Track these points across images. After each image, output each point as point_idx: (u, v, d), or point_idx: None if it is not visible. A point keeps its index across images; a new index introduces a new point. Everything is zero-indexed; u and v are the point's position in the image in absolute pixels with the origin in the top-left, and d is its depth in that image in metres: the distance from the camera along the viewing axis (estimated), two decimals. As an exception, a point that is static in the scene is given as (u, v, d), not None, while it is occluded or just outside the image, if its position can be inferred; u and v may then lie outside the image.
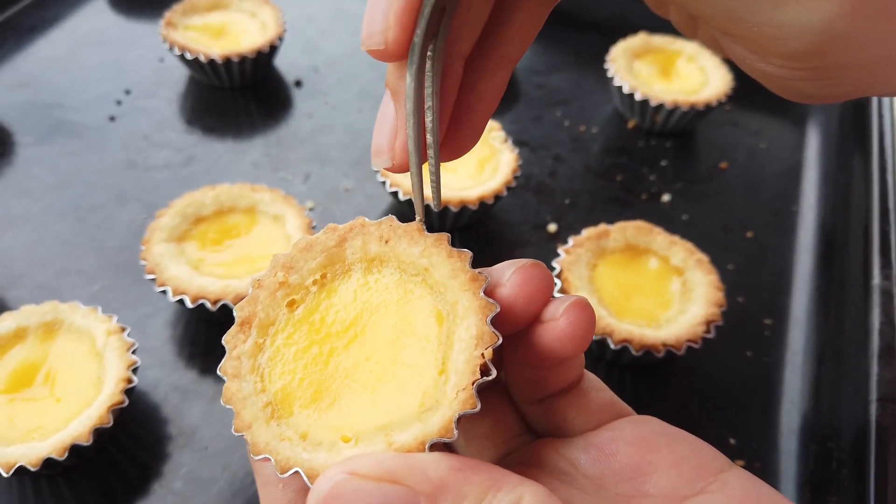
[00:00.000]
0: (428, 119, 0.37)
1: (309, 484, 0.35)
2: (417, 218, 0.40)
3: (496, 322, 0.37)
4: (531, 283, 0.38)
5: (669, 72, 1.10)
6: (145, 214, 0.92)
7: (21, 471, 0.62)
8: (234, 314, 0.39)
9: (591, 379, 0.43)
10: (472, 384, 0.35)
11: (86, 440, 0.63)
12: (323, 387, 0.38)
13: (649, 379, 0.79)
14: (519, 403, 0.44)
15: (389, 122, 0.39)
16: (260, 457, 0.36)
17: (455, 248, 0.39)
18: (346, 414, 0.37)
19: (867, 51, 0.32)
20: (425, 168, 0.39)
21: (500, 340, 0.36)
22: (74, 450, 0.63)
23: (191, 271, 0.76)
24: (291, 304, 0.40)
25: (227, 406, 0.38)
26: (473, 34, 0.38)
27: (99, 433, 0.64)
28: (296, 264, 0.40)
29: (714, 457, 0.39)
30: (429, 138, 0.37)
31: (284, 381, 0.38)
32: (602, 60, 1.10)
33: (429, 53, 0.36)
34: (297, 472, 0.36)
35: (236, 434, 0.37)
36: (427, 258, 0.39)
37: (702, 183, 1.03)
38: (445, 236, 0.39)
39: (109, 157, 1.00)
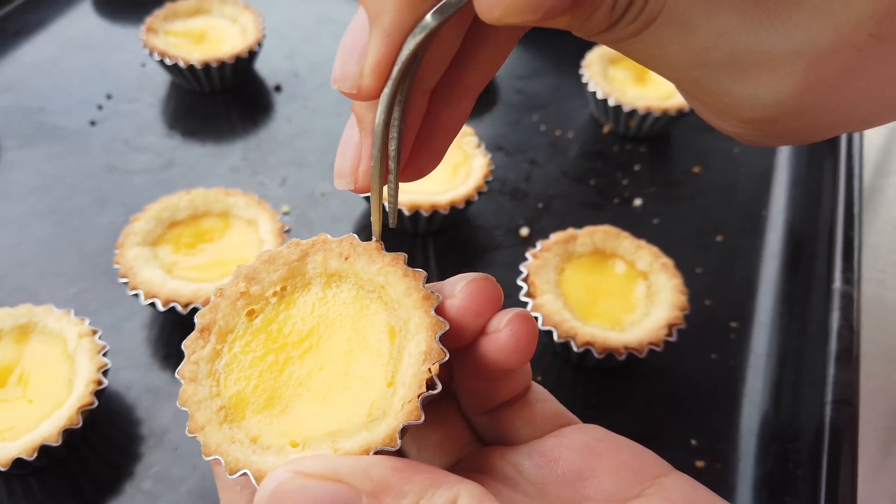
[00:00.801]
0: (392, 147, 0.38)
1: (256, 485, 0.36)
2: (374, 237, 0.42)
3: (445, 339, 0.39)
4: (479, 295, 0.40)
5: (644, 77, 1.11)
6: (123, 218, 0.94)
7: (-8, 470, 0.63)
8: (195, 320, 0.41)
9: (538, 390, 0.45)
10: (418, 397, 0.37)
11: (55, 441, 0.64)
12: (276, 394, 0.39)
13: (615, 381, 0.81)
14: (468, 414, 0.46)
15: (353, 146, 0.40)
16: (211, 458, 0.38)
17: (410, 268, 0.41)
18: (297, 421, 0.39)
19: (818, 119, 0.34)
20: (385, 189, 0.41)
21: (447, 357, 0.38)
22: (44, 450, 0.64)
23: (164, 275, 0.77)
24: (251, 314, 0.42)
25: (183, 408, 0.39)
26: (440, 70, 0.39)
27: (69, 434, 0.66)
28: (258, 275, 0.42)
29: (654, 462, 0.41)
30: (391, 164, 0.39)
31: (239, 387, 0.40)
32: (580, 66, 1.12)
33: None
34: (245, 473, 0.37)
35: (189, 435, 0.38)
36: (384, 276, 0.41)
37: (675, 187, 1.05)
38: (402, 256, 0.41)
39: (90, 160, 1.02)
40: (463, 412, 0.47)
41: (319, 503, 0.33)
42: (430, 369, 0.38)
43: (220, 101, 1.12)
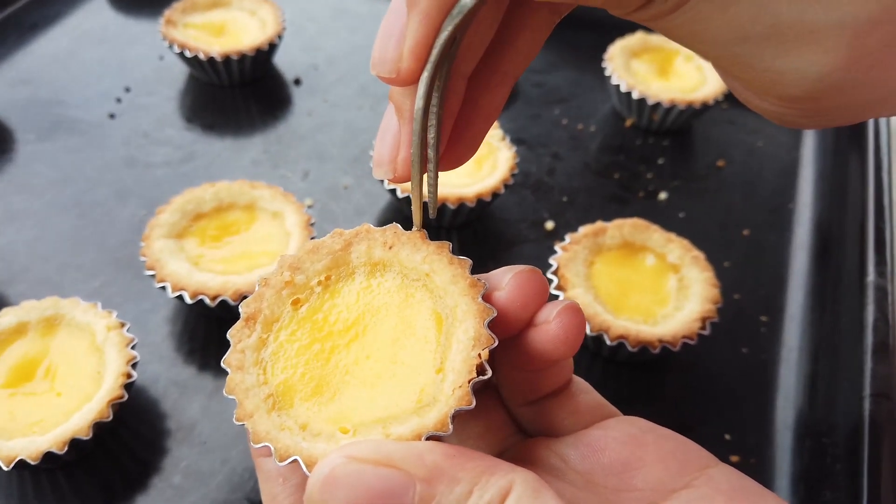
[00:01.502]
0: (430, 135, 0.38)
1: (307, 472, 0.36)
2: (416, 227, 0.42)
3: (493, 326, 0.38)
4: (527, 287, 0.39)
5: (667, 70, 1.10)
6: (145, 211, 0.93)
7: (21, 464, 0.62)
8: (241, 310, 0.41)
9: (580, 382, 0.45)
10: (469, 382, 0.37)
11: (85, 434, 0.63)
12: (323, 382, 0.39)
13: (645, 375, 0.80)
14: (510, 405, 0.46)
15: (392, 135, 0.40)
16: (260, 444, 0.37)
17: (455, 256, 0.40)
18: (346, 408, 0.38)
19: (860, 95, 0.34)
20: (424, 178, 0.40)
21: (496, 342, 0.38)
22: (74, 444, 0.64)
23: (190, 267, 0.76)
24: (296, 303, 0.41)
25: (230, 396, 0.39)
26: (478, 54, 0.39)
27: (98, 427, 0.65)
28: (302, 265, 0.42)
29: (700, 454, 0.40)
30: (430, 153, 0.39)
31: (286, 375, 0.39)
32: (600, 59, 1.11)
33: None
34: (295, 461, 0.36)
35: (237, 423, 0.38)
36: (429, 264, 0.40)
37: (699, 181, 1.04)
38: (447, 244, 0.41)
39: (110, 153, 1.01)
40: (504, 404, 0.46)
41: (373, 488, 0.32)
42: (479, 354, 0.37)
43: (239, 94, 1.11)
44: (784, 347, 0.83)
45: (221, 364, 0.40)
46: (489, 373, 0.38)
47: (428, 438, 0.36)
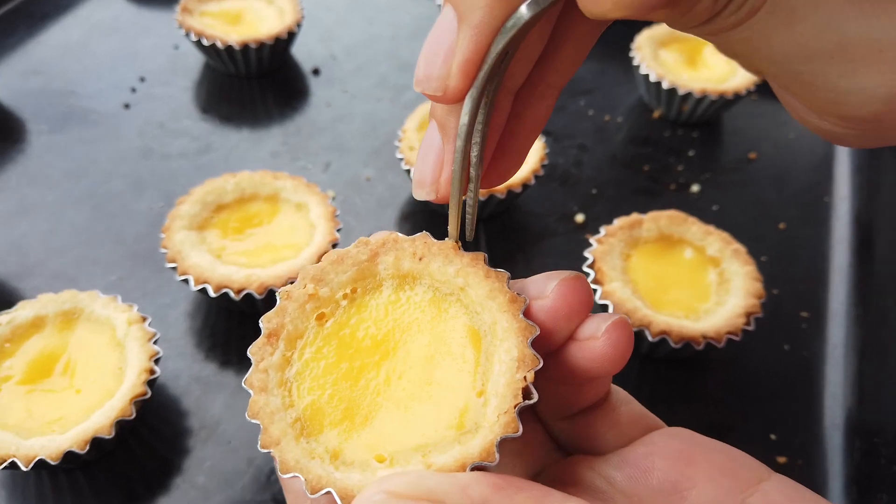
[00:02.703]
0: (473, 153, 0.36)
1: None
2: (451, 238, 0.39)
3: (536, 343, 0.36)
4: (572, 297, 0.37)
5: (696, 61, 1.07)
6: (162, 203, 0.90)
7: (40, 464, 0.59)
8: (261, 325, 0.38)
9: (619, 392, 0.42)
10: (514, 407, 0.34)
11: (108, 433, 0.61)
12: (354, 404, 0.36)
13: (684, 372, 0.77)
14: (547, 420, 0.43)
15: (435, 154, 0.37)
16: (289, 475, 0.35)
17: (492, 269, 0.38)
18: (379, 433, 0.36)
19: None
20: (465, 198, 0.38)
21: (541, 363, 0.35)
22: (95, 443, 0.61)
23: (213, 260, 0.73)
24: (321, 318, 0.39)
25: (254, 421, 0.36)
26: (527, 68, 0.37)
27: (121, 426, 0.62)
28: (326, 276, 0.39)
29: (752, 466, 0.38)
30: (472, 172, 0.36)
31: (314, 397, 0.37)
32: (626, 49, 1.08)
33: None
34: (329, 492, 0.34)
35: (263, 451, 0.35)
36: (463, 277, 0.38)
37: (730, 174, 1.01)
38: (482, 255, 0.38)
39: (125, 144, 0.98)
40: (539, 418, 0.44)
41: None
42: (525, 377, 0.35)
43: (256, 84, 1.09)
44: (828, 344, 0.80)
45: (243, 385, 0.37)
46: (535, 397, 0.35)
47: (472, 469, 0.33)
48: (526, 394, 0.35)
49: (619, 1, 0.27)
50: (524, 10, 0.30)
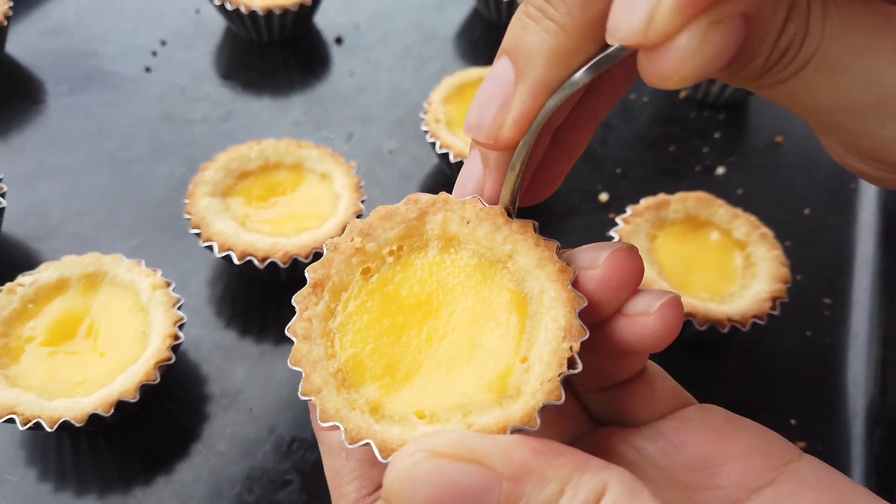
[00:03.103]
0: (516, 187, 0.37)
1: (380, 458, 0.33)
2: (502, 203, 0.39)
3: (581, 315, 0.36)
4: (624, 267, 0.36)
5: (725, 41, 1.06)
6: (184, 169, 0.89)
7: (62, 426, 0.59)
8: (307, 275, 0.38)
9: (654, 367, 0.43)
10: (559, 376, 0.34)
11: (132, 397, 0.61)
12: (395, 360, 0.36)
13: (705, 356, 0.77)
14: (582, 391, 0.44)
15: (475, 182, 0.39)
16: (328, 424, 0.35)
17: (542, 237, 0.38)
18: (420, 390, 0.36)
19: None
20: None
21: (588, 335, 0.35)
22: (120, 406, 0.61)
23: (237, 227, 0.73)
24: (366, 272, 0.39)
25: (296, 368, 0.36)
26: (570, 107, 0.38)
27: (145, 390, 0.62)
28: (374, 231, 0.39)
29: (784, 446, 0.39)
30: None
31: (356, 349, 0.37)
32: (654, 27, 1.06)
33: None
34: (367, 444, 0.34)
35: (303, 398, 0.35)
36: (511, 244, 0.37)
37: (756, 157, 0.99)
38: (531, 223, 0.38)
39: (146, 108, 0.97)
40: (574, 389, 0.44)
41: (456, 488, 0.29)
42: (571, 347, 0.35)
43: (278, 51, 1.07)
44: (851, 332, 0.79)
45: (286, 332, 0.37)
46: (580, 367, 0.35)
47: (512, 432, 0.33)
48: (571, 363, 0.35)
49: (684, 77, 0.28)
50: (581, 76, 0.31)
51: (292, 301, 0.37)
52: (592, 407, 0.44)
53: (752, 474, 0.37)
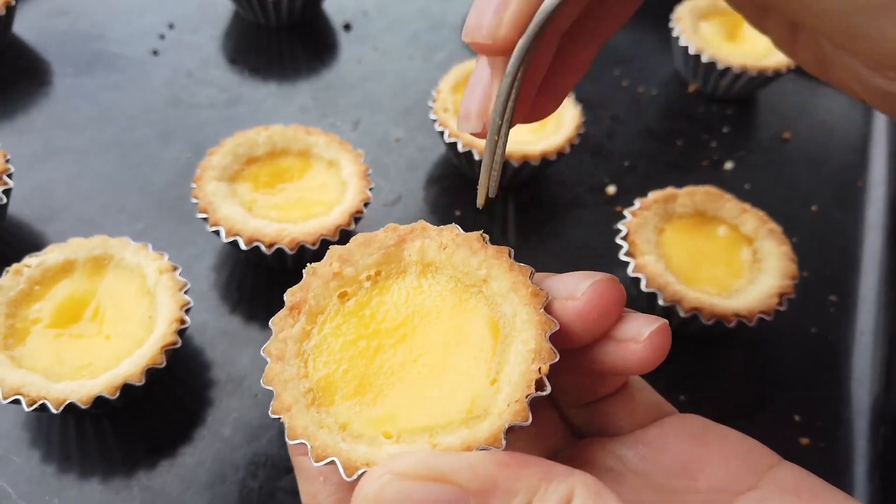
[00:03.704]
0: (511, 98, 0.37)
1: (344, 476, 0.34)
2: (479, 200, 0.40)
3: (554, 338, 0.36)
4: (606, 299, 0.37)
5: (735, 35, 1.05)
6: (190, 153, 0.89)
7: (67, 408, 0.59)
8: (285, 298, 0.39)
9: (636, 379, 0.43)
10: (526, 397, 0.35)
11: (138, 380, 0.61)
12: (367, 381, 0.37)
13: (710, 351, 0.77)
14: (563, 406, 0.44)
15: (483, 87, 0.38)
16: (296, 441, 0.35)
17: (516, 263, 0.38)
18: (389, 411, 0.36)
19: None
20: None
21: (558, 358, 0.36)
22: (125, 389, 0.61)
23: (244, 213, 0.72)
24: (343, 296, 0.40)
25: (267, 387, 0.37)
26: (575, 13, 0.38)
27: (150, 373, 0.62)
28: (352, 257, 0.40)
29: (763, 452, 0.39)
30: (501, 126, 0.37)
31: (329, 370, 0.38)
32: (662, 20, 1.06)
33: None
34: (332, 462, 0.34)
35: (273, 416, 0.36)
36: (486, 269, 0.38)
37: (764, 152, 0.99)
38: (507, 249, 0.39)
39: (152, 92, 0.96)
40: (555, 404, 0.45)
41: None
42: (539, 369, 0.35)
43: (285, 37, 1.06)
44: (856, 330, 0.79)
45: (262, 353, 0.38)
46: (548, 389, 0.35)
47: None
48: (539, 385, 0.35)
49: None
50: None
51: (269, 323, 0.39)
52: (574, 421, 0.44)
53: (731, 479, 0.38)
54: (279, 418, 0.36)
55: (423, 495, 0.30)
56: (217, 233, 0.71)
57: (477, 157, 0.82)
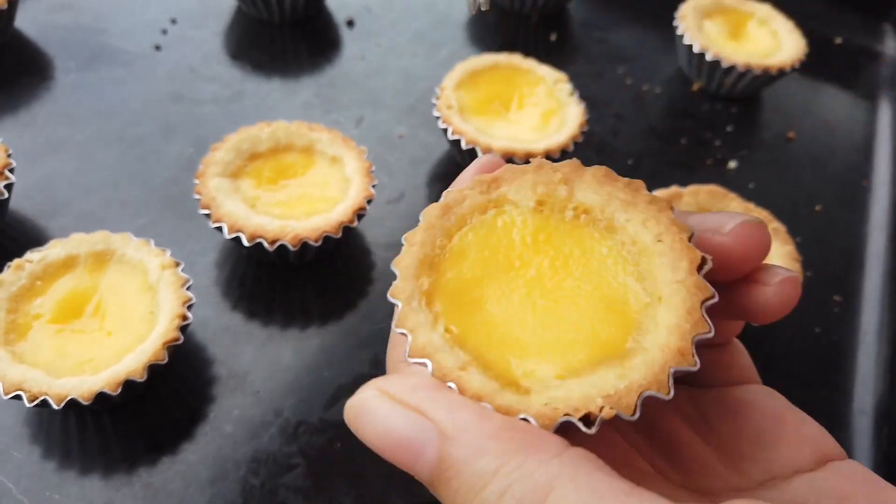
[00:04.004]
0: None
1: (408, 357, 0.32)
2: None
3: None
4: (757, 240, 0.35)
5: (739, 34, 1.05)
6: (193, 149, 0.88)
7: (68, 404, 0.59)
8: (442, 198, 0.37)
9: (737, 342, 0.43)
10: (693, 338, 0.32)
11: (140, 376, 0.60)
12: (504, 314, 0.34)
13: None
14: None
15: None
16: (401, 331, 0.33)
17: (653, 194, 0.36)
18: (525, 346, 0.33)
19: None
20: None
21: (716, 297, 0.33)
22: (127, 385, 0.60)
23: (247, 209, 0.72)
24: (485, 210, 0.37)
25: (394, 301, 0.34)
26: None
27: (152, 370, 0.62)
28: (514, 181, 0.37)
29: (833, 444, 0.39)
30: None
31: (455, 273, 0.35)
32: (667, 17, 1.05)
33: None
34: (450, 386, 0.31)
35: (391, 300, 0.34)
36: (626, 209, 0.35)
37: (768, 151, 0.99)
38: (640, 183, 0.36)
39: (155, 87, 0.96)
40: None
41: (393, 432, 0.29)
42: (702, 304, 0.32)
43: (288, 33, 1.06)
44: (860, 330, 0.79)
45: (402, 240, 0.36)
46: (712, 331, 0.32)
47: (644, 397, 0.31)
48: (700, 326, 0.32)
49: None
50: None
51: (403, 238, 0.36)
52: None
53: (799, 461, 0.37)
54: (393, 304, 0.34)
55: (400, 422, 0.29)
56: (219, 229, 0.71)
57: (480, 154, 0.81)
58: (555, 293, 0.35)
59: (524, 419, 0.30)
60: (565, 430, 0.30)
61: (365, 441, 0.30)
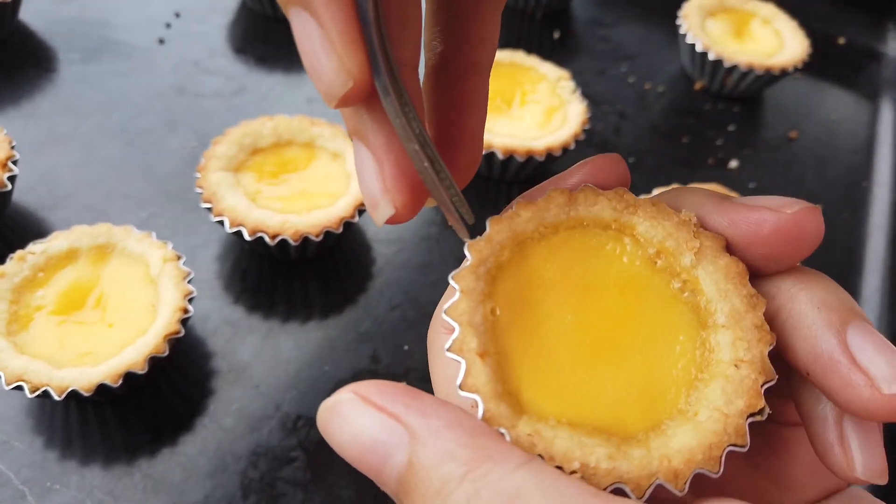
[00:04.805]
0: (426, 131, 0.30)
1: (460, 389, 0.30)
2: (463, 237, 0.34)
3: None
4: (812, 226, 0.33)
5: (742, 33, 1.05)
6: (195, 142, 0.89)
7: (70, 395, 0.60)
8: (515, 201, 0.34)
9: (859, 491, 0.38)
10: (747, 417, 0.29)
11: (140, 368, 0.61)
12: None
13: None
14: None
15: (372, 169, 0.31)
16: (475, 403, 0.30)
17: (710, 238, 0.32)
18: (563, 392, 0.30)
19: None
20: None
21: (775, 379, 0.30)
22: (128, 377, 0.61)
23: (248, 203, 0.72)
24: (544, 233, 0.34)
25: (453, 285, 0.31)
26: (411, 38, 0.32)
27: (153, 362, 0.62)
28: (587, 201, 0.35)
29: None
30: (438, 166, 0.31)
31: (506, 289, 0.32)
32: (670, 16, 1.05)
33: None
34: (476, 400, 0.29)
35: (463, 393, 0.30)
36: (697, 261, 0.33)
37: (770, 151, 0.99)
38: (723, 239, 0.33)
39: (158, 80, 0.96)
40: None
41: (362, 434, 0.28)
42: (760, 385, 0.29)
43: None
44: (859, 330, 0.79)
45: (466, 249, 0.32)
46: (767, 411, 0.29)
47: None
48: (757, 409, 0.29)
49: None
50: None
51: (466, 246, 0.33)
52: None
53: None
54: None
55: (370, 422, 0.28)
56: (221, 223, 0.71)
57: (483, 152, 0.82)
58: (624, 350, 0.32)
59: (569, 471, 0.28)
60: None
61: (333, 444, 0.28)
